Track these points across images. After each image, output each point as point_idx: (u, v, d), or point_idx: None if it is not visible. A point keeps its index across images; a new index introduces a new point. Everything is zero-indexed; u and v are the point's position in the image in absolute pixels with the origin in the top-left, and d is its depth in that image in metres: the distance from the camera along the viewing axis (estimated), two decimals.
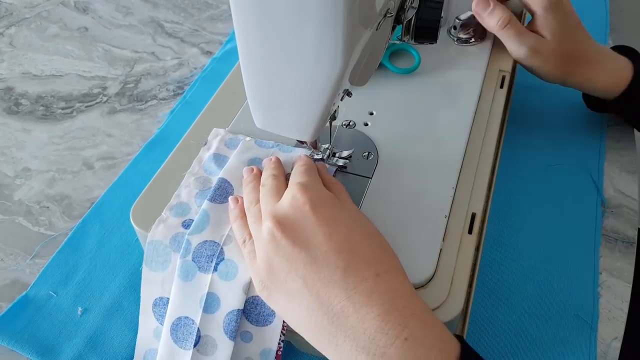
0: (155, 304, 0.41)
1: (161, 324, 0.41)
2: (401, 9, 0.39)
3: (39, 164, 0.63)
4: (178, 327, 0.39)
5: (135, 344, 0.46)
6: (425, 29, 0.41)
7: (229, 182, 0.43)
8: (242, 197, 0.41)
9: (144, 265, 0.41)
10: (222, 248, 0.39)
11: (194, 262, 0.39)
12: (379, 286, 0.32)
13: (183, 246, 0.39)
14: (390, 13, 0.38)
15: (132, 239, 0.53)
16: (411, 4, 0.39)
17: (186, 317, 0.39)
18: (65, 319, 0.48)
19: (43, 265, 0.52)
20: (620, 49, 0.58)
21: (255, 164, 0.44)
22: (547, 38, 0.53)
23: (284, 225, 0.35)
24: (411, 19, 0.41)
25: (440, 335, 0.32)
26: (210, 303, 0.38)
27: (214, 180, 0.43)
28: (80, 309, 0.49)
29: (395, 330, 0.31)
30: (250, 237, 0.38)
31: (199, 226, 0.40)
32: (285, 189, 0.38)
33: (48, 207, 0.58)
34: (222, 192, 0.42)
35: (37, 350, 0.46)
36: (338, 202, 0.37)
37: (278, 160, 0.43)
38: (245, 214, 0.40)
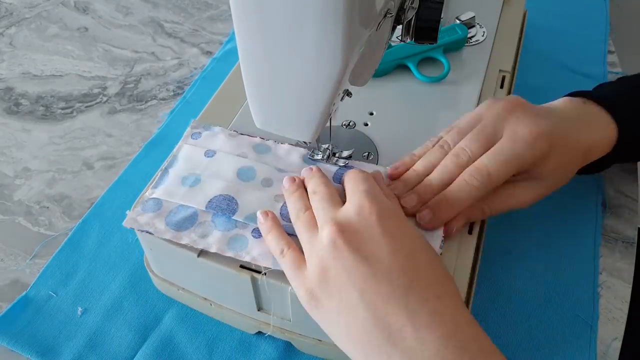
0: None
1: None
2: (401, 9, 0.39)
3: (39, 164, 0.63)
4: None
5: (134, 345, 0.47)
6: (425, 29, 0.41)
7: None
8: (271, 212, 0.40)
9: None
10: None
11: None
12: (440, 309, 0.32)
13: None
14: (390, 13, 0.38)
15: (132, 239, 0.53)
16: (411, 4, 0.39)
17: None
18: (65, 319, 0.48)
19: (43, 265, 0.52)
20: (576, 94, 0.49)
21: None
22: (551, 177, 0.44)
23: (347, 233, 0.33)
24: (411, 19, 0.41)
25: None
26: None
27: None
28: (80, 309, 0.49)
29: (455, 355, 0.30)
30: (290, 246, 0.37)
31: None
32: (337, 197, 0.38)
33: (48, 207, 0.58)
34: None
35: (37, 351, 0.46)
36: (401, 215, 0.36)
37: (320, 170, 0.41)
38: (277, 226, 0.39)
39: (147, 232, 0.40)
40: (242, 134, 0.47)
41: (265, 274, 0.39)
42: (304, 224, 0.37)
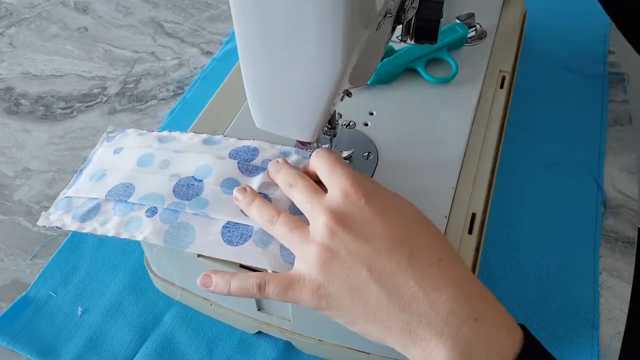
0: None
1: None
2: (401, 9, 0.39)
3: (39, 164, 0.63)
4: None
5: (134, 345, 0.47)
6: (425, 29, 0.41)
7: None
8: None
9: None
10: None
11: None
12: (444, 270, 0.33)
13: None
14: (390, 13, 0.38)
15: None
16: (411, 4, 0.39)
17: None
18: (65, 319, 0.48)
19: (43, 265, 0.52)
20: None
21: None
22: None
23: (342, 220, 0.34)
24: (411, 19, 0.41)
25: (506, 317, 0.33)
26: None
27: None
28: (80, 309, 0.49)
29: (466, 312, 0.32)
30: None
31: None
32: (316, 185, 0.38)
33: (48, 207, 0.58)
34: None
35: (37, 350, 0.46)
36: (384, 190, 0.37)
37: (286, 161, 0.42)
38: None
39: (56, 227, 0.41)
40: (152, 132, 0.48)
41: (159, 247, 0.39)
42: (285, 226, 0.37)
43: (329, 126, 0.44)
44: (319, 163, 0.39)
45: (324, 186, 0.38)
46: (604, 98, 0.66)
